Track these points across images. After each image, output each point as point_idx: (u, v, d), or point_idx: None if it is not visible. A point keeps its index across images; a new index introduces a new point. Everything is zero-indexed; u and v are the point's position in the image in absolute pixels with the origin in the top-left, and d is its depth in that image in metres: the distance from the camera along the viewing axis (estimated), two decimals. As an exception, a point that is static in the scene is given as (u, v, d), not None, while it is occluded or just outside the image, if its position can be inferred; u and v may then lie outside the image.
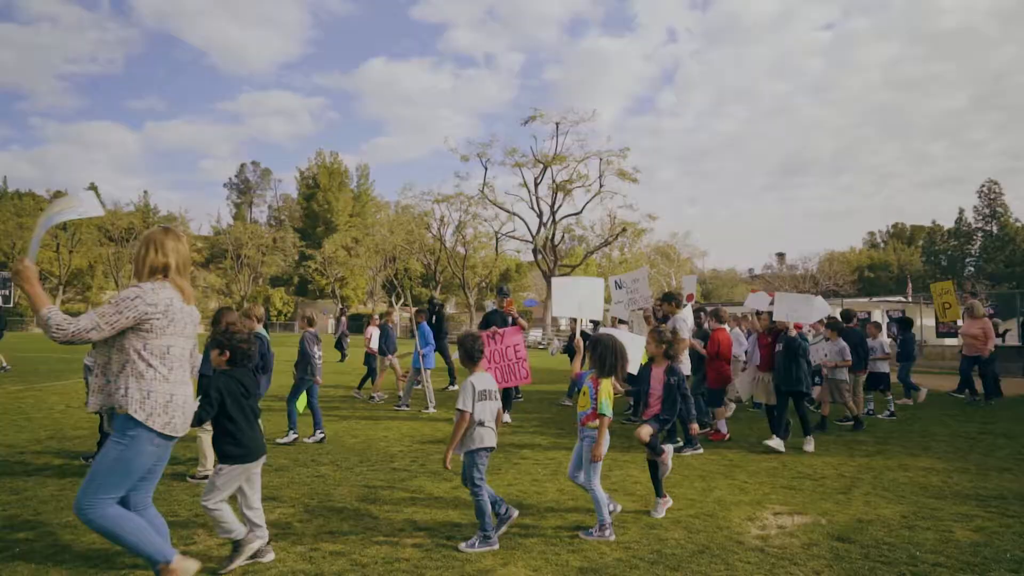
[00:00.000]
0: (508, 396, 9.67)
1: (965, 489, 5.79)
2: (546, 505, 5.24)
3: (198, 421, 3.71)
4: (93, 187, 78.25)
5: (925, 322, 24.34)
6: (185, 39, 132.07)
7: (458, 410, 4.25)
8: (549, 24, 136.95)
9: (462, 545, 4.19)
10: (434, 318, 10.69)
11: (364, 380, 12.44)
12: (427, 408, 10.14)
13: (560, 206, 35.90)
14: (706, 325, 7.85)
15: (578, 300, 6.01)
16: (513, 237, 42.19)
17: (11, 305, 46.81)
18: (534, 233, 36.90)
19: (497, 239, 43.00)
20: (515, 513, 4.57)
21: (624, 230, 36.29)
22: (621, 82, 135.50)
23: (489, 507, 4.27)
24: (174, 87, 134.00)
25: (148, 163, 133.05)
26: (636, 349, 6.69)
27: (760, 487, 5.84)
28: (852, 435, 8.43)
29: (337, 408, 10.55)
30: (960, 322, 13.96)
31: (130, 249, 59.06)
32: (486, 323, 9.44)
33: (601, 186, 34.65)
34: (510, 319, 9.14)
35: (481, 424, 4.29)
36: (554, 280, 6.27)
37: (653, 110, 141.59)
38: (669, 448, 5.07)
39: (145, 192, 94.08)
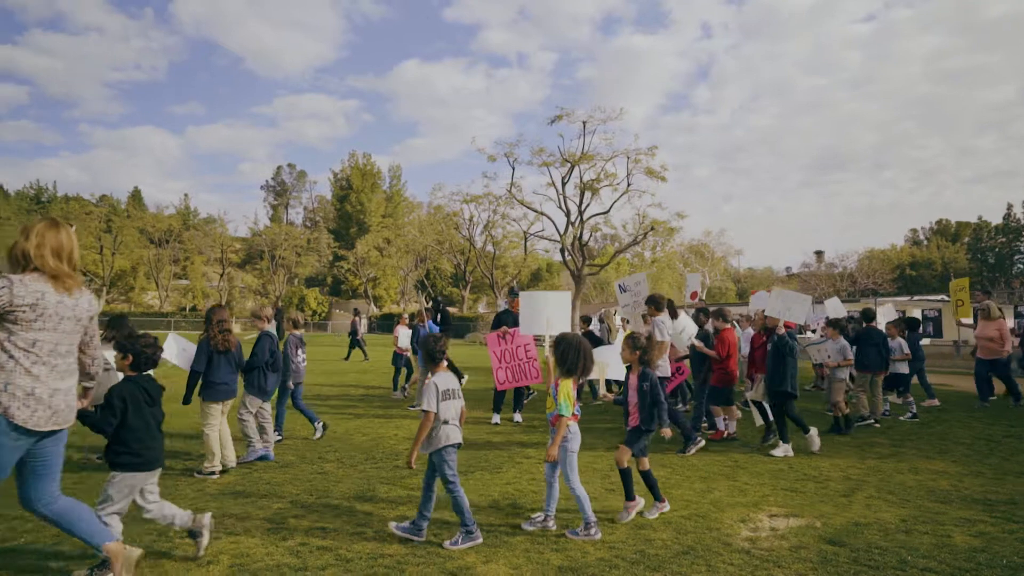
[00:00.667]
0: (520, 396, 9.70)
1: (974, 493, 5.62)
2: (540, 504, 5.24)
3: (99, 430, 3.71)
4: (136, 191, 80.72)
5: (966, 321, 23.50)
6: (224, 45, 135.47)
7: (423, 411, 4.31)
8: (582, 22, 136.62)
9: (446, 543, 4.24)
10: (439, 316, 10.75)
11: (408, 378, 12.42)
12: None
13: (588, 205, 35.79)
14: (708, 326, 7.76)
15: (546, 316, 6.05)
16: (542, 237, 42.16)
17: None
18: (561, 232, 36.81)
19: (526, 239, 43.02)
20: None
21: (652, 228, 35.91)
22: (655, 79, 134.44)
23: (466, 502, 4.32)
24: (213, 92, 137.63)
25: (189, 166, 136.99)
26: (614, 355, 6.83)
27: (760, 488, 5.76)
28: (867, 437, 8.23)
29: (353, 406, 10.73)
30: (963, 320, 13.63)
31: (170, 251, 60.87)
32: (497, 323, 9.48)
33: (629, 184, 34.42)
34: (520, 319, 9.16)
35: (446, 423, 4.35)
36: (522, 295, 6.33)
37: (688, 107, 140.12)
38: (635, 506, 4.93)
39: (186, 195, 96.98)
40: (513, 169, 37.49)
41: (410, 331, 12.17)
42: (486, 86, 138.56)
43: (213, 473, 5.84)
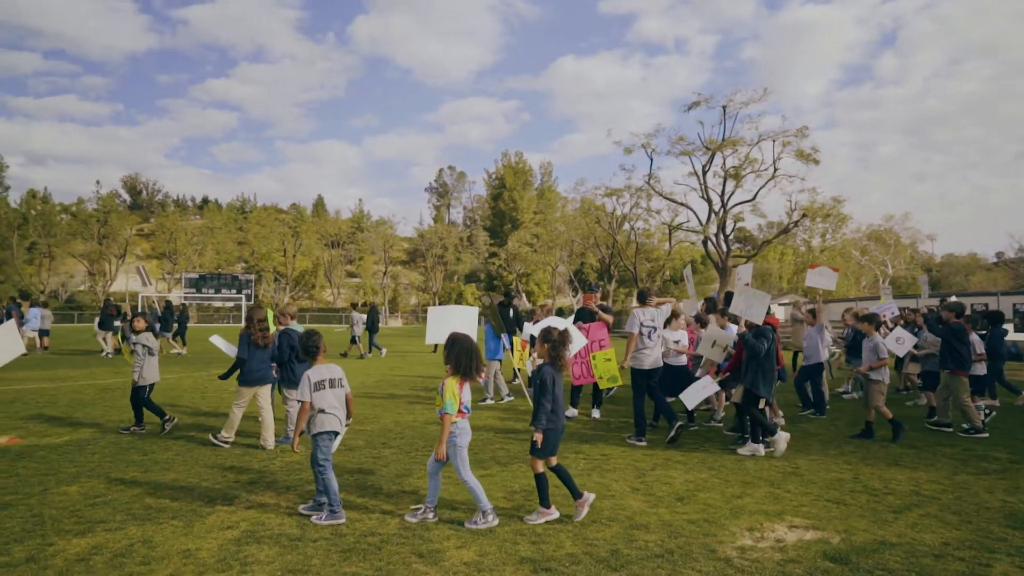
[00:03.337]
0: (599, 391, 9.62)
1: (1068, 520, 4.76)
2: (553, 497, 5.32)
3: None
4: (320, 199, 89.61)
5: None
6: (393, 59, 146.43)
7: (298, 401, 4.76)
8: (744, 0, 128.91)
9: (313, 517, 4.66)
10: (511, 311, 10.83)
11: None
12: (503, 397, 10.54)
13: (732, 193, 33.87)
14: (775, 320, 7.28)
15: (452, 327, 6.02)
16: (689, 229, 40.65)
17: (252, 303, 55.69)
18: (704, 222, 35.24)
19: (670, 231, 41.73)
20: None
21: (804, 215, 33.11)
22: (829, 52, 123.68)
23: (336, 485, 4.68)
24: (386, 103, 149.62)
25: (366, 173, 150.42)
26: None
27: (800, 498, 5.34)
28: (984, 449, 7.18)
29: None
30: None
31: (342, 252, 67.11)
32: (577, 317, 9.55)
33: (776, 170, 32.01)
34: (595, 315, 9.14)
35: (322, 411, 4.75)
36: (431, 310, 6.61)
37: (869, 79, 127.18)
38: (588, 497, 4.87)
39: (360, 200, 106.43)
40: (651, 160, 36.64)
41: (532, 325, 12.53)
42: (642, 76, 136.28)
43: (227, 443, 6.84)
